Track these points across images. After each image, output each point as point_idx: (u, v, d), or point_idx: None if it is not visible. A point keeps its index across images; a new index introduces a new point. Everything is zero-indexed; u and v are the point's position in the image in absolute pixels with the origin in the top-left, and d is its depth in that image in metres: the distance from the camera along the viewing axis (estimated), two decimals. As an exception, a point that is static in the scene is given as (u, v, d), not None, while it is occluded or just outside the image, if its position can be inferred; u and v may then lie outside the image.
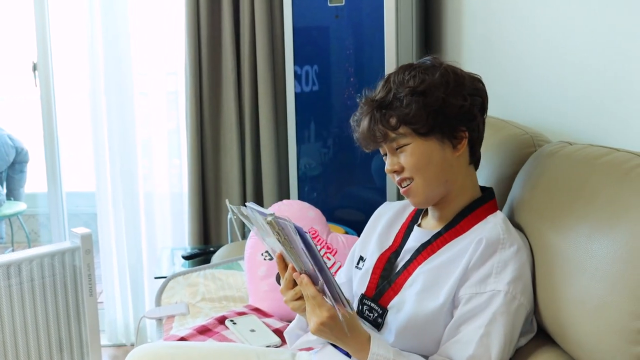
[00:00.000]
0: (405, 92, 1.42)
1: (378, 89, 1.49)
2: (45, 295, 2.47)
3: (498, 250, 1.38)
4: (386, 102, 1.44)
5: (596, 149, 1.40)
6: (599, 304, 1.18)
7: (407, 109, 1.41)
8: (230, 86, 3.13)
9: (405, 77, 1.45)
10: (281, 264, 1.42)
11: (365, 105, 1.48)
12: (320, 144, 2.83)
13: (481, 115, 1.49)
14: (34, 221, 5.46)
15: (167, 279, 2.52)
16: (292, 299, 1.42)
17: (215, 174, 3.25)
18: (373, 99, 1.47)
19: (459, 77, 1.46)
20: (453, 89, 1.43)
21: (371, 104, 1.47)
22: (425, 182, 1.45)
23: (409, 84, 1.43)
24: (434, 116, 1.41)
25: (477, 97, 1.47)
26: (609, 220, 1.21)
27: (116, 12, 3.20)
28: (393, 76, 1.48)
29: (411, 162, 1.43)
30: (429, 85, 1.42)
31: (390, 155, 1.47)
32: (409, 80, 1.43)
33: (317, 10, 2.71)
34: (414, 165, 1.43)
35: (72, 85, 4.77)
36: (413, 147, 1.43)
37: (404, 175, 1.46)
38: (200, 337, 1.99)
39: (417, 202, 1.49)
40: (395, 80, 1.46)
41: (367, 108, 1.47)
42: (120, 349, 3.47)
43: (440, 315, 1.39)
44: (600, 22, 1.62)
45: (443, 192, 1.47)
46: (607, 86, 1.60)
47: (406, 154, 1.44)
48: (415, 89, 1.42)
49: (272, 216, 1.26)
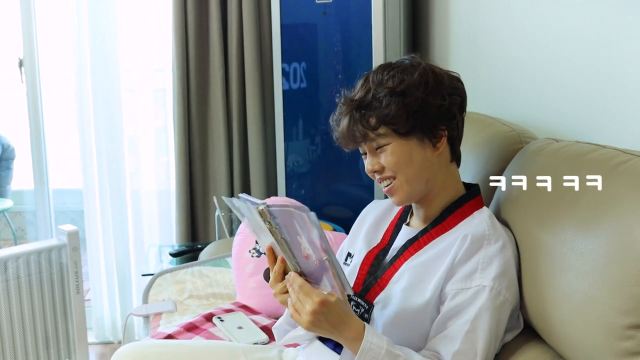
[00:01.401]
0: (384, 92, 1.42)
1: (357, 89, 1.49)
2: (32, 293, 2.46)
3: (483, 246, 1.38)
4: (365, 102, 1.44)
5: (582, 145, 1.41)
6: (584, 300, 1.19)
7: (387, 110, 1.41)
8: (217, 83, 3.12)
9: (384, 77, 1.45)
10: (271, 257, 1.42)
11: (345, 105, 1.48)
12: (308, 141, 2.83)
13: (460, 113, 1.49)
14: (21, 218, 5.43)
15: (155, 276, 2.51)
16: (281, 291, 1.41)
17: (203, 171, 3.24)
18: (352, 98, 1.47)
19: (438, 77, 1.46)
20: (432, 88, 1.43)
21: (350, 104, 1.46)
22: (406, 180, 1.45)
23: (388, 84, 1.43)
24: (413, 116, 1.41)
25: (456, 96, 1.47)
26: (595, 217, 1.21)
27: (103, 8, 3.18)
28: (372, 76, 1.47)
29: (392, 161, 1.43)
30: (408, 85, 1.42)
31: (370, 155, 1.48)
32: (388, 80, 1.43)
33: (304, 7, 2.71)
34: (395, 165, 1.43)
35: (59, 82, 4.74)
36: (393, 147, 1.43)
37: (385, 174, 1.46)
38: (188, 334, 1.98)
39: (399, 200, 1.49)
40: (374, 80, 1.46)
41: (347, 108, 1.47)
42: (108, 347, 3.46)
43: (427, 310, 1.39)
44: (588, 21, 1.63)
45: (425, 190, 1.48)
46: (593, 83, 1.61)
47: (386, 154, 1.44)
48: (394, 89, 1.42)
49: (264, 205, 1.26)
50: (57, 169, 4.53)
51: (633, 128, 1.47)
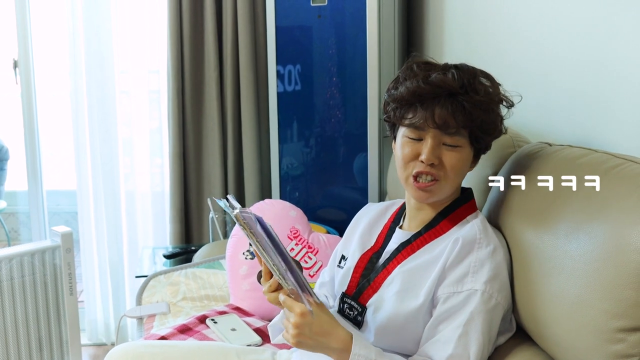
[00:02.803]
0: (484, 98, 1.39)
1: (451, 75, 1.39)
2: (25, 294, 2.45)
3: (474, 250, 1.39)
4: (468, 98, 1.38)
5: (575, 150, 1.42)
6: (576, 303, 1.19)
7: (487, 116, 1.40)
8: (212, 85, 3.12)
9: (474, 80, 1.40)
10: (259, 256, 1.43)
11: (437, 86, 1.38)
12: (302, 144, 2.83)
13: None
14: (14, 219, 5.42)
15: (148, 278, 2.51)
16: (268, 290, 1.42)
17: (197, 173, 3.24)
18: (448, 83, 1.37)
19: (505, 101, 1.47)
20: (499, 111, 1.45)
21: (448, 88, 1.37)
22: (450, 187, 1.45)
23: (487, 91, 1.41)
24: (489, 130, 1.43)
25: (503, 124, 1.49)
26: (587, 221, 1.22)
27: (98, 9, 3.18)
28: (455, 71, 1.40)
29: (456, 165, 1.41)
30: (495, 99, 1.42)
31: (433, 146, 1.40)
32: (481, 88, 1.40)
33: (299, 9, 2.71)
34: (454, 169, 1.41)
35: (54, 83, 4.74)
36: (464, 152, 1.42)
37: (436, 173, 1.41)
38: (181, 336, 1.98)
39: (432, 198, 1.45)
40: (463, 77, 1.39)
41: (439, 90, 1.37)
42: (101, 348, 3.45)
43: (419, 314, 1.40)
44: (582, 25, 1.64)
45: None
46: (587, 89, 1.62)
47: (454, 155, 1.41)
48: (492, 99, 1.41)
49: (237, 210, 1.26)
50: (51, 170, 4.51)
51: (626, 133, 1.47)
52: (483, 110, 1.39)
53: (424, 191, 1.43)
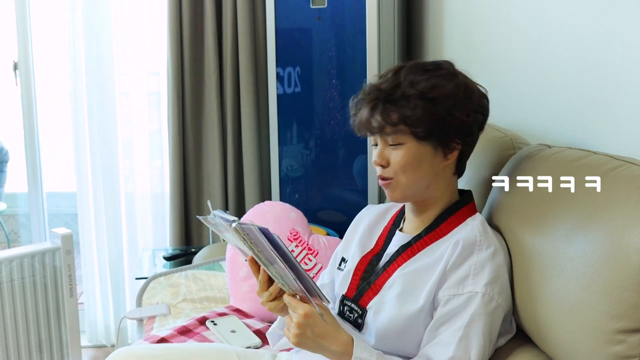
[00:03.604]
0: (413, 93, 1.40)
1: (385, 78, 1.46)
2: (25, 296, 2.46)
3: (475, 252, 1.39)
4: (392, 97, 1.41)
5: (574, 151, 1.42)
6: (576, 305, 1.20)
7: (412, 111, 1.40)
8: (212, 87, 3.12)
9: (417, 78, 1.42)
10: (254, 267, 1.44)
11: (370, 93, 1.45)
12: (302, 146, 2.83)
13: (478, 131, 1.49)
14: (14, 221, 5.41)
15: (148, 280, 2.51)
16: (268, 299, 1.43)
17: (197, 174, 3.24)
18: (379, 87, 1.44)
19: (469, 92, 1.45)
20: (461, 102, 1.42)
21: (376, 93, 1.43)
22: (408, 182, 1.45)
23: (420, 86, 1.41)
24: (435, 124, 1.41)
25: (480, 114, 1.47)
26: (586, 223, 1.23)
27: (98, 11, 3.18)
28: (405, 72, 1.44)
29: (401, 163, 1.43)
30: (440, 93, 1.41)
31: (381, 147, 1.46)
32: (421, 82, 1.41)
33: (299, 11, 2.71)
34: (403, 167, 1.43)
35: (53, 85, 4.73)
36: (407, 148, 1.42)
37: (387, 174, 1.45)
38: (181, 337, 1.99)
39: (394, 197, 1.49)
40: (406, 77, 1.43)
41: (371, 96, 1.44)
42: (101, 350, 3.45)
43: (420, 317, 1.40)
44: (581, 28, 1.64)
45: (423, 196, 1.48)
46: (586, 91, 1.62)
47: (398, 153, 1.43)
48: (425, 94, 1.40)
49: (236, 222, 1.26)
50: (51, 172, 4.51)
51: (626, 135, 1.48)
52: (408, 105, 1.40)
53: (385, 187, 1.48)
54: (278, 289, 1.41)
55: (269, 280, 1.43)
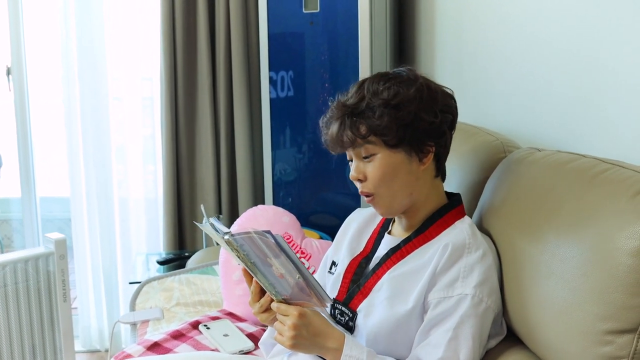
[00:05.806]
0: (378, 103, 1.42)
1: (350, 94, 1.48)
2: (19, 301, 2.45)
3: (464, 255, 1.40)
4: (358, 110, 1.44)
5: (564, 155, 1.43)
6: (565, 306, 1.21)
7: (379, 120, 1.41)
8: (205, 91, 3.13)
9: (379, 87, 1.44)
10: (248, 276, 1.46)
11: (337, 109, 1.48)
12: (295, 150, 2.84)
13: (450, 131, 1.50)
14: (7, 226, 5.40)
15: (142, 284, 2.51)
16: (259, 311, 1.45)
17: (190, 179, 3.25)
18: (345, 104, 1.47)
19: (433, 93, 1.46)
20: (426, 104, 1.43)
21: (343, 109, 1.46)
22: (390, 194, 1.46)
23: (383, 95, 1.43)
24: (404, 129, 1.42)
25: (448, 114, 1.48)
26: (575, 225, 1.24)
27: (91, 16, 3.19)
28: (367, 84, 1.47)
29: (377, 174, 1.44)
30: (403, 99, 1.42)
31: (356, 161, 1.48)
32: (384, 91, 1.43)
33: (292, 16, 2.73)
34: (380, 178, 1.44)
35: (47, 90, 4.73)
36: (380, 158, 1.44)
37: (366, 189, 1.46)
38: (174, 341, 1.99)
39: (382, 212, 1.51)
40: (369, 89, 1.45)
41: (338, 112, 1.47)
42: (94, 355, 3.45)
43: (410, 319, 1.41)
44: (571, 32, 1.66)
45: (408, 203, 1.49)
46: (575, 95, 1.64)
47: (373, 164, 1.44)
48: (388, 102, 1.42)
49: (228, 234, 1.27)
50: (44, 177, 4.50)
51: (614, 138, 1.49)
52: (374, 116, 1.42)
53: (372, 204, 1.50)
54: (269, 301, 1.43)
55: (261, 291, 1.45)
